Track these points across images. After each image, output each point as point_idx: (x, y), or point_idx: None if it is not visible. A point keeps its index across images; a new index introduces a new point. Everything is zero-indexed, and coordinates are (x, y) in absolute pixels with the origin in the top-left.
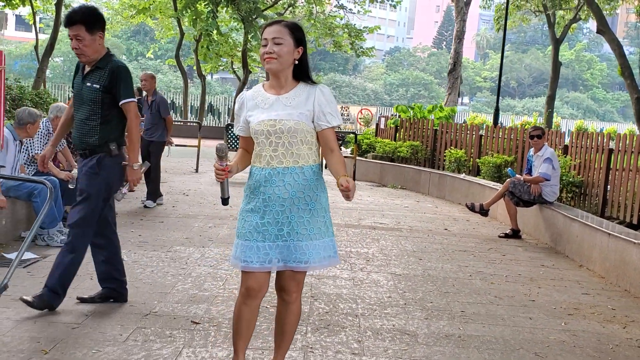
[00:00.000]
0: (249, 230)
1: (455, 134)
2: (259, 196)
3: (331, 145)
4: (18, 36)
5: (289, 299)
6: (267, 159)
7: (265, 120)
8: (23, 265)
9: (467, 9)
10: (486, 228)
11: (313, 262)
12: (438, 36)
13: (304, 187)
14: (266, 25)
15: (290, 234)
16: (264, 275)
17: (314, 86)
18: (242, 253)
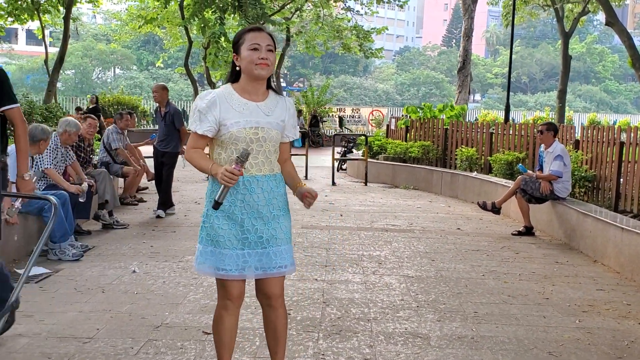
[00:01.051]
0: (227, 239)
1: (465, 132)
2: (235, 204)
3: (287, 155)
4: (29, 50)
5: (275, 304)
6: (247, 166)
7: (247, 128)
8: (35, 281)
9: (475, 6)
10: (499, 226)
11: (289, 266)
12: (447, 34)
13: (277, 193)
14: (252, 30)
15: (269, 240)
16: (242, 282)
17: (281, 97)
18: (218, 261)
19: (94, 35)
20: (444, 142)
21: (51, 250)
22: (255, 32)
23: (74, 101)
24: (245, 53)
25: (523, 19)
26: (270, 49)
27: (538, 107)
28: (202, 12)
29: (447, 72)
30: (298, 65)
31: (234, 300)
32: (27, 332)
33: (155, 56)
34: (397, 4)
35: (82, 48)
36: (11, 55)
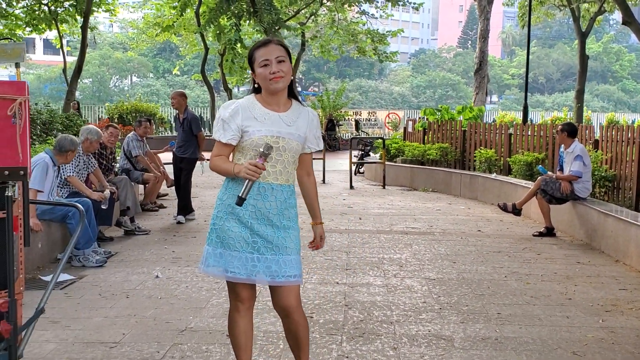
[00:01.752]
0: (237, 241)
1: (484, 133)
2: (247, 208)
3: (309, 169)
4: (47, 60)
5: (293, 314)
6: (264, 174)
7: (268, 136)
8: (60, 287)
9: (490, 7)
10: (520, 227)
11: (299, 276)
12: (463, 36)
13: (289, 204)
14: (260, 46)
15: (279, 248)
16: (252, 285)
17: (305, 108)
18: (227, 263)
19: (111, 43)
20: (463, 143)
21: (75, 256)
22: (263, 47)
23: (92, 109)
24: (259, 71)
25: (539, 19)
26: (282, 59)
27: (555, 108)
28: (218, 19)
29: (463, 73)
30: (313, 70)
31: (244, 302)
32: (54, 338)
33: (172, 64)
34: (412, 7)
35: (99, 57)
36: (29, 65)
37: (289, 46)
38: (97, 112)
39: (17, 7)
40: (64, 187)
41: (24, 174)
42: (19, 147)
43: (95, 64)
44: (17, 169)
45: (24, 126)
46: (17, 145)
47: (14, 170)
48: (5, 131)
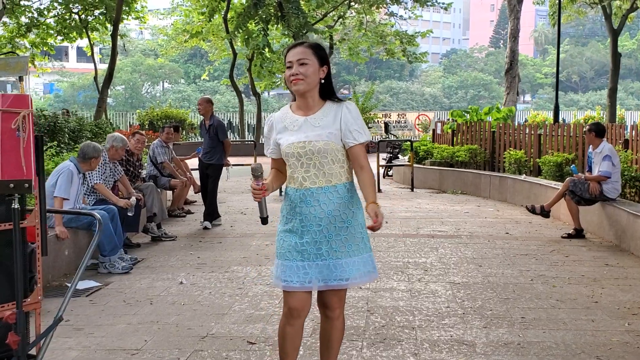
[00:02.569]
0: (288, 250)
1: (513, 134)
2: (295, 217)
3: (361, 162)
4: (80, 67)
5: (332, 315)
6: (300, 180)
7: (295, 143)
8: (86, 294)
9: (520, 7)
10: (549, 229)
11: (353, 278)
12: (495, 35)
13: (339, 205)
14: (288, 49)
15: (329, 253)
16: (305, 295)
17: (340, 104)
18: (282, 273)
19: (143, 50)
20: (492, 145)
21: (101, 263)
22: (292, 49)
23: (125, 116)
24: (285, 73)
25: (571, 17)
26: (304, 62)
27: (589, 106)
28: (246, 24)
29: (496, 73)
30: (343, 72)
31: (293, 312)
32: (77, 345)
33: (202, 69)
34: (441, 7)
35: (131, 63)
36: (63, 73)
37: (324, 49)
38: (128, 119)
39: (48, 17)
40: (91, 195)
41: (28, 186)
42: (22, 160)
43: (127, 71)
44: (22, 182)
45: (27, 139)
46: (21, 158)
47: (18, 182)
48: (10, 144)
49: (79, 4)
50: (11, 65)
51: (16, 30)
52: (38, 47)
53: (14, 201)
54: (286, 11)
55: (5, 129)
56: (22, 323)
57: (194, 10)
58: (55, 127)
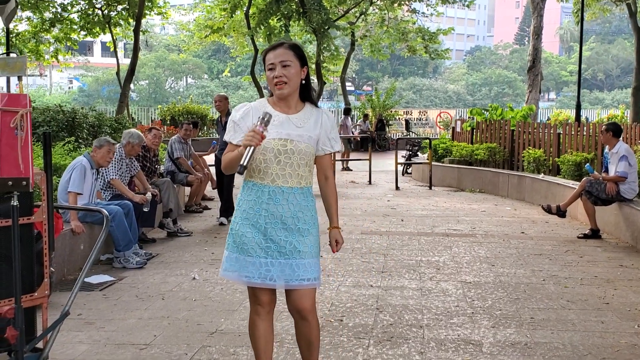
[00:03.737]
0: (251, 247)
1: (532, 133)
2: (260, 213)
3: (327, 172)
4: (104, 62)
5: (308, 317)
6: (273, 177)
7: (276, 139)
8: (99, 289)
9: (544, 4)
10: (565, 229)
11: (314, 279)
12: (519, 32)
13: (304, 207)
14: (268, 50)
15: (292, 252)
16: (271, 289)
17: (319, 110)
18: (242, 268)
19: (166, 45)
20: (511, 143)
21: (116, 258)
22: (272, 51)
23: (148, 111)
24: (267, 74)
25: (595, 15)
26: (287, 64)
27: (615, 105)
28: (268, 20)
29: (520, 70)
30: (366, 69)
31: (263, 306)
32: (87, 339)
33: (225, 65)
34: (464, 4)
35: (155, 58)
36: (87, 68)
37: (303, 49)
38: (150, 114)
39: (72, 12)
40: (108, 190)
41: (26, 184)
42: (20, 158)
43: (151, 66)
44: (20, 180)
45: (25, 137)
46: (19, 156)
47: (17, 180)
48: (8, 143)
49: (102, 0)
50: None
51: (40, 25)
52: (62, 42)
53: (12, 198)
54: (308, 7)
55: (4, 128)
56: (20, 318)
57: (216, 6)
58: (74, 122)
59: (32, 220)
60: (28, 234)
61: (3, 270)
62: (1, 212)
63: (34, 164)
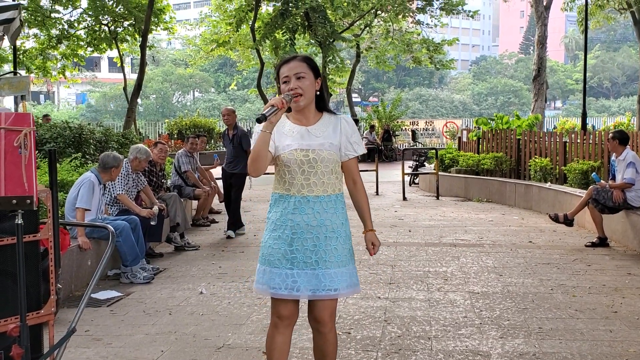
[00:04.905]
0: (277, 258)
1: (539, 142)
2: (286, 223)
3: (354, 176)
4: (111, 78)
5: (324, 330)
6: (299, 187)
7: (298, 150)
8: (107, 304)
9: (548, 13)
10: (573, 238)
11: (342, 289)
12: (524, 41)
13: (331, 215)
14: (282, 63)
15: (318, 262)
16: (294, 303)
17: (337, 116)
18: (269, 280)
19: (173, 60)
20: (517, 152)
21: (123, 273)
22: (284, 64)
23: (155, 125)
24: (282, 87)
25: (600, 23)
26: (301, 76)
27: (621, 112)
28: (273, 33)
29: (526, 79)
30: (372, 80)
31: (283, 320)
32: (95, 355)
33: (232, 78)
34: (468, 14)
35: (162, 73)
36: (95, 83)
37: (315, 61)
38: (158, 128)
39: (78, 28)
40: (114, 205)
41: (30, 202)
42: (24, 176)
43: (158, 81)
44: (24, 198)
45: (29, 156)
46: (23, 175)
47: (21, 198)
48: (12, 161)
49: (108, 16)
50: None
51: (47, 42)
52: (69, 59)
53: (17, 217)
54: (313, 21)
55: (8, 147)
56: (25, 336)
57: (221, 21)
58: (81, 138)
59: (37, 238)
60: (34, 252)
61: (9, 287)
62: (6, 230)
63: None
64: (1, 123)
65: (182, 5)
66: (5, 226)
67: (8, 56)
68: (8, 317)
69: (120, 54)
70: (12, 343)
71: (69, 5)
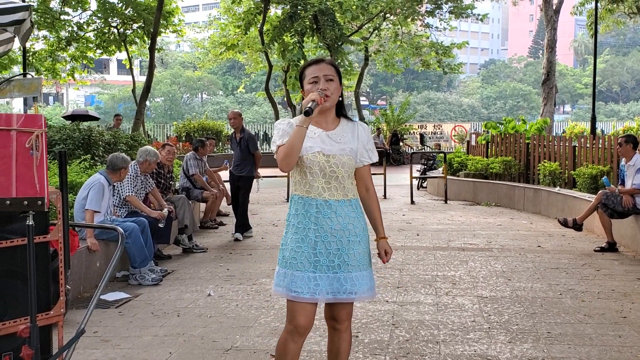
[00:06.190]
0: (300, 261)
1: (548, 146)
2: (309, 226)
3: (367, 183)
4: (120, 80)
5: (341, 328)
6: (319, 191)
7: (321, 153)
8: (115, 306)
9: (557, 17)
10: (582, 242)
11: (361, 292)
12: (534, 45)
13: (353, 219)
14: (311, 63)
15: (341, 266)
16: (312, 310)
17: (354, 123)
18: (291, 283)
19: (182, 62)
20: (526, 157)
21: (132, 275)
22: (313, 65)
23: (164, 127)
24: (307, 87)
25: (609, 27)
26: (330, 79)
27: (630, 117)
28: (282, 36)
29: (535, 83)
30: (380, 83)
31: (299, 329)
32: (103, 357)
33: (240, 81)
34: (478, 18)
35: (171, 75)
36: (103, 85)
37: (339, 67)
38: (166, 131)
39: (88, 30)
40: (123, 207)
41: (41, 203)
42: (35, 178)
43: (166, 83)
44: (36, 199)
45: (41, 158)
46: (34, 176)
47: (32, 200)
48: (24, 163)
49: (117, 18)
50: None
51: (56, 44)
52: (78, 61)
53: (28, 218)
54: (321, 24)
55: (19, 148)
56: (35, 337)
57: (230, 23)
58: (90, 140)
59: (47, 239)
60: (44, 253)
61: (19, 288)
62: (17, 231)
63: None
64: (13, 124)
65: (191, 8)
66: (15, 227)
67: (17, 58)
68: (18, 318)
69: (129, 56)
70: (22, 344)
71: (79, 7)
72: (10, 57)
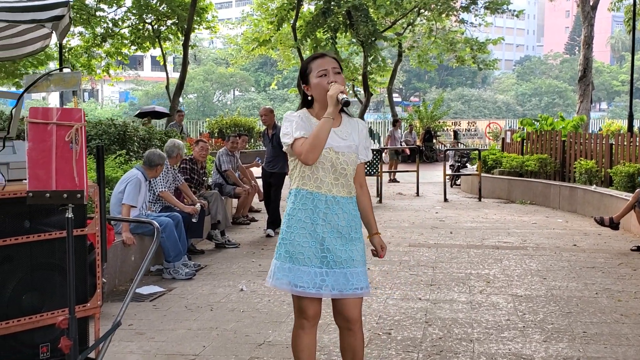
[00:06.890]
0: (307, 256)
1: (584, 144)
2: (317, 222)
3: (361, 180)
4: (154, 76)
5: (355, 327)
6: (329, 187)
7: (331, 150)
8: (150, 299)
9: (594, 13)
10: (619, 242)
11: (366, 287)
12: (570, 42)
13: (355, 216)
14: (315, 57)
15: (347, 262)
16: (319, 301)
17: (355, 119)
18: (296, 278)
19: (214, 59)
20: (562, 154)
21: (166, 269)
22: (319, 58)
23: (197, 124)
24: (315, 81)
25: None
26: (338, 71)
27: None
28: (314, 32)
29: (571, 80)
30: (414, 80)
31: (309, 319)
32: (138, 349)
33: (272, 77)
34: (513, 14)
35: (203, 72)
36: (137, 82)
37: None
38: (199, 127)
39: (122, 27)
40: (157, 202)
41: (80, 196)
42: (75, 171)
43: (199, 80)
44: (75, 192)
45: (80, 151)
46: (74, 170)
47: (71, 193)
48: (64, 156)
49: (152, 14)
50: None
51: (92, 41)
52: (113, 57)
53: (67, 210)
54: (355, 19)
55: (59, 142)
56: (73, 328)
57: (263, 19)
58: (125, 135)
59: (85, 232)
60: (81, 246)
61: (57, 281)
62: (56, 224)
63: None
64: (52, 118)
65: (224, 4)
66: (53, 220)
67: (54, 54)
68: (55, 309)
69: (163, 53)
70: (59, 335)
71: (114, 4)
72: (47, 53)
